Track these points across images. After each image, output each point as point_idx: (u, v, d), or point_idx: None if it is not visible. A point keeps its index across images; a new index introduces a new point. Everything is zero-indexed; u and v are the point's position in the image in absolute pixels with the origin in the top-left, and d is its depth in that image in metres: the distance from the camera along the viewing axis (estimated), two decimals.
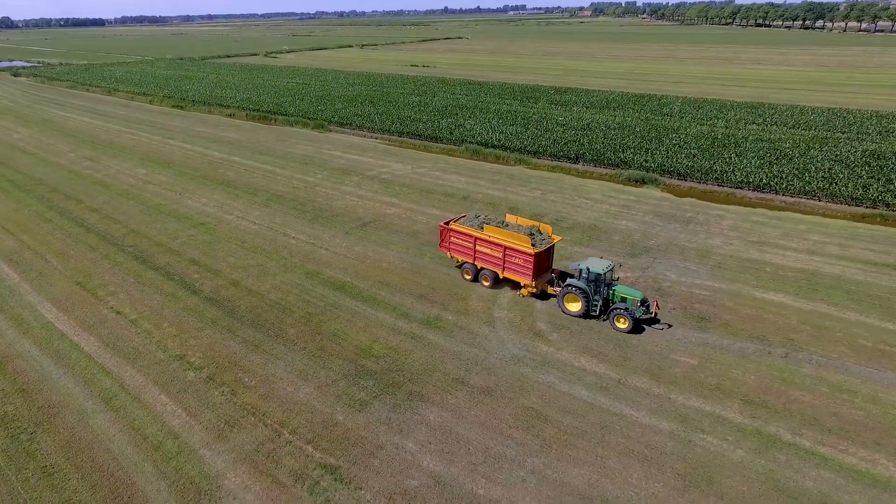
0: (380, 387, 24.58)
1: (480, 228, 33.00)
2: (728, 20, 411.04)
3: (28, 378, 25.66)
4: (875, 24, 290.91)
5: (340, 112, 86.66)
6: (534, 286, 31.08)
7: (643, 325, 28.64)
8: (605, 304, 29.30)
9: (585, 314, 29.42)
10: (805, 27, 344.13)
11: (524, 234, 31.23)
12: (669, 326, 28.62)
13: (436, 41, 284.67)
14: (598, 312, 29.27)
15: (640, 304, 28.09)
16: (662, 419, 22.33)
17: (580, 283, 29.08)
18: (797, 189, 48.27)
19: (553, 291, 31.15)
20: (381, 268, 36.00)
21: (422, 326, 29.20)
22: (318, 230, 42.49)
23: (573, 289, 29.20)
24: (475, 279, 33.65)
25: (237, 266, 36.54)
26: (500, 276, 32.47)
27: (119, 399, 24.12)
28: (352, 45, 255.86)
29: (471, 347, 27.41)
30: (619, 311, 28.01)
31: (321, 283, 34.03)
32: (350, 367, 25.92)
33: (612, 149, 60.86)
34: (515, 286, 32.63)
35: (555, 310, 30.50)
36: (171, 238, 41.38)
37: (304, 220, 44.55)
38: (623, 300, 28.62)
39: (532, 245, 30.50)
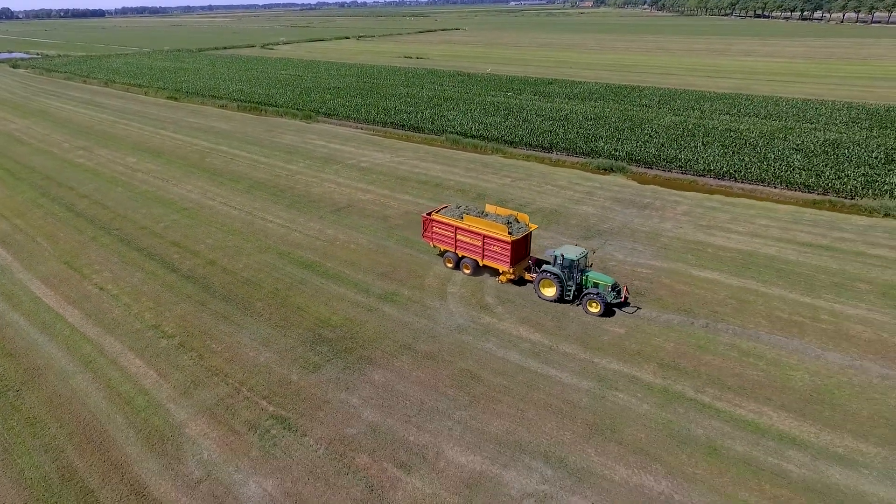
0: (333, 352, 27.15)
1: (461, 218, 34.25)
2: (728, 11, 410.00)
3: (16, 345, 28.29)
4: (872, 15, 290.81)
5: (329, 103, 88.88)
6: (512, 273, 32.52)
7: (614, 309, 30.17)
8: (579, 290, 30.77)
9: (560, 299, 30.78)
10: (803, 18, 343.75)
11: (502, 223, 32.62)
12: (639, 309, 30.26)
13: (432, 32, 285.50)
14: (572, 297, 30.69)
15: (612, 289, 29.76)
16: (583, 379, 24.85)
17: (555, 270, 30.44)
18: (755, 177, 50.54)
19: (530, 278, 32.61)
20: (349, 249, 38.50)
21: (379, 300, 31.74)
22: (295, 215, 44.97)
23: (548, 275, 30.61)
24: (457, 267, 34.96)
25: (215, 247, 39.07)
26: (480, 264, 33.82)
27: (97, 363, 26.73)
28: (349, 37, 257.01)
29: (421, 318, 29.95)
30: (592, 296, 29.51)
31: (291, 263, 36.56)
32: (309, 335, 28.49)
33: (585, 138, 63.11)
34: (495, 273, 34.14)
35: (503, 286, 32.99)
36: (156, 222, 43.91)
37: (282, 206, 47.02)
38: (595, 285, 30.07)
39: (509, 233, 31.87)
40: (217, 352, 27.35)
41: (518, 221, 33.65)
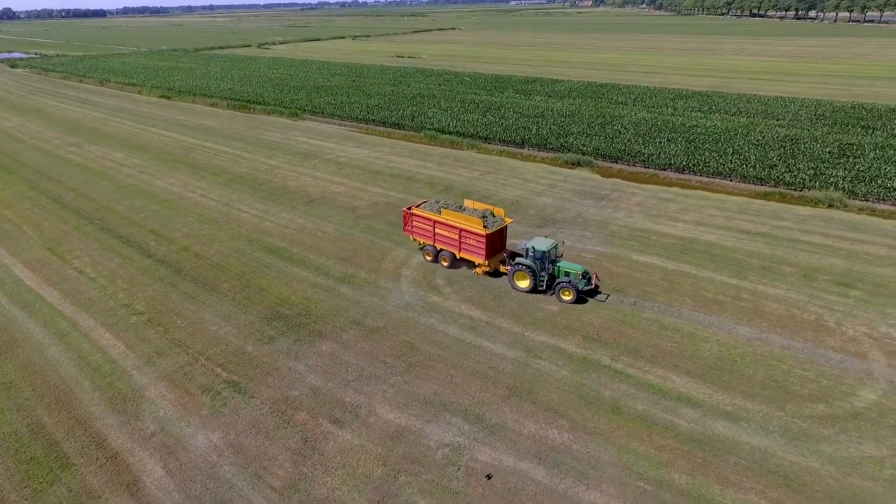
0: (288, 327, 29.54)
1: (439, 213, 35.14)
2: (723, 10, 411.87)
3: None
4: (864, 15, 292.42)
5: (315, 101, 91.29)
6: (487, 265, 33.79)
7: (587, 297, 31.42)
8: (551, 280, 31.95)
9: (534, 289, 31.92)
10: (798, 17, 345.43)
11: (477, 217, 33.88)
12: (609, 296, 31.85)
13: (428, 32, 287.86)
14: (545, 287, 31.93)
15: (582, 277, 31.54)
16: (511, 350, 27.20)
17: (527, 262, 31.62)
18: (712, 170, 52.81)
19: (505, 270, 33.90)
20: (316, 236, 40.88)
21: (336, 282, 34.14)
22: (269, 206, 47.37)
23: (521, 267, 31.79)
24: (435, 260, 36.08)
25: (190, 235, 41.49)
26: (458, 257, 34.88)
27: (71, 336, 29.14)
28: (345, 37, 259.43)
29: (373, 297, 32.32)
30: (564, 285, 30.76)
31: (259, 249, 38.96)
32: (267, 312, 30.89)
33: (556, 134, 65.40)
34: (472, 266, 35.54)
35: (453, 270, 35.30)
36: (136, 213, 46.35)
37: (258, 198, 49.44)
38: (567, 274, 31.46)
39: (484, 227, 32.79)
40: (181, 326, 29.75)
41: (494, 216, 34.58)
